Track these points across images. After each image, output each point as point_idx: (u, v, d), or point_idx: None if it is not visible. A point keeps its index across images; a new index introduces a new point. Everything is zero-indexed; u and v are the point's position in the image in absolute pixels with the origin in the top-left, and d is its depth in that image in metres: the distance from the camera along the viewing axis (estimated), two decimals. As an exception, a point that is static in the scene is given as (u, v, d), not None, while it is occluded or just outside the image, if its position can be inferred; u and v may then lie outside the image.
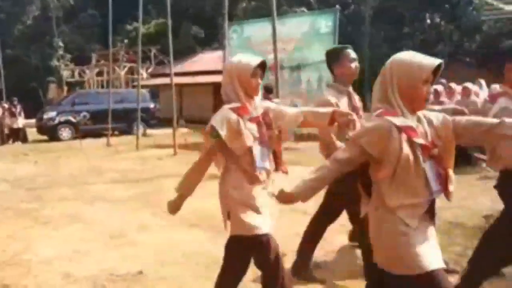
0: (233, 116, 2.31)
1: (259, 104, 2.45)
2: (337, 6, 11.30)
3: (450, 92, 8.01)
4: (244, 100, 2.35)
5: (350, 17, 25.01)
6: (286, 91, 11.11)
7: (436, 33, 24.53)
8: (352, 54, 3.06)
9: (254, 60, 2.36)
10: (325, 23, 11.63)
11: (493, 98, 7.48)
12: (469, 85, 7.93)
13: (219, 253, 4.02)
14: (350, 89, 3.09)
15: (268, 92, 8.36)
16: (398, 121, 1.85)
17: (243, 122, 2.32)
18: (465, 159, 6.97)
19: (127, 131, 15.58)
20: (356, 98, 3.14)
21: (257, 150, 2.35)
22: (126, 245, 4.33)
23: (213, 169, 2.55)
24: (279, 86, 8.88)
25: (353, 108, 3.00)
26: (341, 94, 3.03)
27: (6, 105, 15.61)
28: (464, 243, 3.89)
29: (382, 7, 25.89)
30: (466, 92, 7.77)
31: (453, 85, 8.15)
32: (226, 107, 2.35)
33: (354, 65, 3.04)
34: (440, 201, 1.97)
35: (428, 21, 26.48)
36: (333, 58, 3.07)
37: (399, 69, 1.88)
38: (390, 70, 1.90)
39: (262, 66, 2.40)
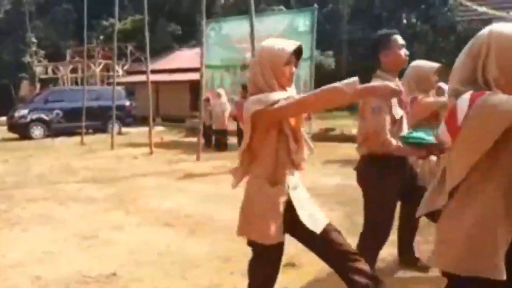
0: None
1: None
2: (315, 5, 11.29)
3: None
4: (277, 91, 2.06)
5: (328, 15, 25.15)
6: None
7: (412, 32, 24.93)
8: (401, 40, 2.76)
9: (289, 46, 2.06)
10: (303, 21, 11.64)
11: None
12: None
13: (195, 252, 4.01)
14: (397, 80, 2.79)
15: (247, 90, 8.33)
16: None
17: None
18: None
19: (102, 129, 15.30)
20: (404, 91, 2.80)
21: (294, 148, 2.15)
22: (99, 246, 4.23)
23: (193, 169, 2.48)
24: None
25: (400, 102, 2.74)
26: None
27: (-25, 102, 15.14)
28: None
29: (359, 6, 26.16)
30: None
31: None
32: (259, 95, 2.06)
33: (404, 52, 2.75)
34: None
35: (405, 21, 26.91)
36: (381, 44, 2.75)
37: (501, 42, 1.54)
38: (487, 45, 1.56)
39: (297, 52, 2.12)
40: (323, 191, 6.22)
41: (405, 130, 2.72)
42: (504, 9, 5.15)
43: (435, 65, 3.39)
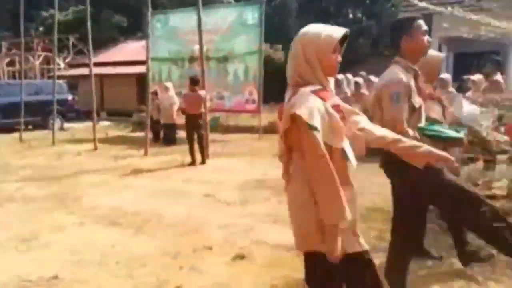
0: (319, 102, 1.82)
1: (333, 88, 1.99)
2: (263, -2, 11.28)
3: (369, 85, 8.34)
4: (324, 82, 1.90)
5: (277, 9, 25.26)
6: (212, 83, 10.95)
7: (357, 27, 25.59)
8: (424, 26, 2.58)
9: (336, 32, 1.89)
10: (251, 14, 11.59)
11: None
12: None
13: (141, 250, 3.90)
14: (416, 67, 2.63)
15: (194, 83, 8.18)
16: None
17: (329, 107, 1.85)
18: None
19: (43, 125, 14.55)
20: (422, 80, 2.66)
21: (346, 144, 1.91)
22: (39, 248, 4.02)
23: (140, 164, 2.34)
24: (206, 77, 8.72)
25: (418, 90, 2.58)
26: (408, 73, 2.57)
27: None
28: (381, 227, 4.02)
29: (307, 0, 26.46)
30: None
31: (372, 77, 8.49)
32: (307, 90, 1.85)
33: (427, 39, 2.59)
34: (358, 188, 1.97)
35: (351, 15, 27.59)
36: (403, 29, 2.60)
37: None
38: None
39: (342, 39, 1.95)
40: (273, 182, 6.25)
41: (423, 121, 2.57)
42: (443, 4, 5.36)
43: (442, 55, 3.26)
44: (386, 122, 2.44)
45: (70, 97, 16.18)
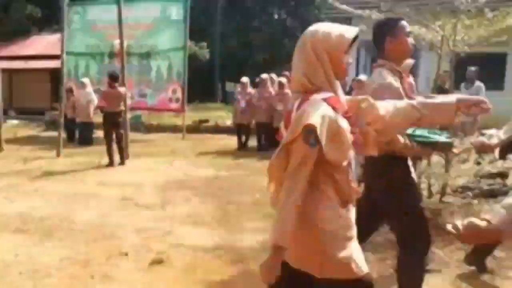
0: (330, 112, 1.65)
1: (341, 92, 1.81)
2: (189, -7, 11.04)
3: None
4: (335, 84, 1.74)
5: (203, 5, 25.04)
6: (134, 79, 10.53)
7: (282, 28, 26.07)
8: (408, 27, 2.52)
9: (349, 32, 1.74)
10: (176, 10, 11.33)
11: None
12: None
13: (48, 259, 3.58)
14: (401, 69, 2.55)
15: (113, 80, 7.77)
16: None
17: (340, 119, 1.68)
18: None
19: None
20: (409, 81, 2.59)
21: (353, 158, 1.77)
22: None
23: (52, 166, 2.06)
24: (127, 74, 8.33)
25: (406, 94, 2.45)
26: (394, 75, 2.49)
27: None
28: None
29: (233, -2, 26.50)
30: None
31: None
32: (318, 98, 1.67)
33: (411, 40, 2.53)
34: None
35: (276, 16, 28.09)
36: (386, 29, 2.51)
37: None
38: None
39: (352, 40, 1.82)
40: (196, 183, 6.15)
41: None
42: (362, 8, 5.57)
43: (411, 61, 3.28)
44: (379, 130, 2.38)
45: (-27, 93, 14.75)
